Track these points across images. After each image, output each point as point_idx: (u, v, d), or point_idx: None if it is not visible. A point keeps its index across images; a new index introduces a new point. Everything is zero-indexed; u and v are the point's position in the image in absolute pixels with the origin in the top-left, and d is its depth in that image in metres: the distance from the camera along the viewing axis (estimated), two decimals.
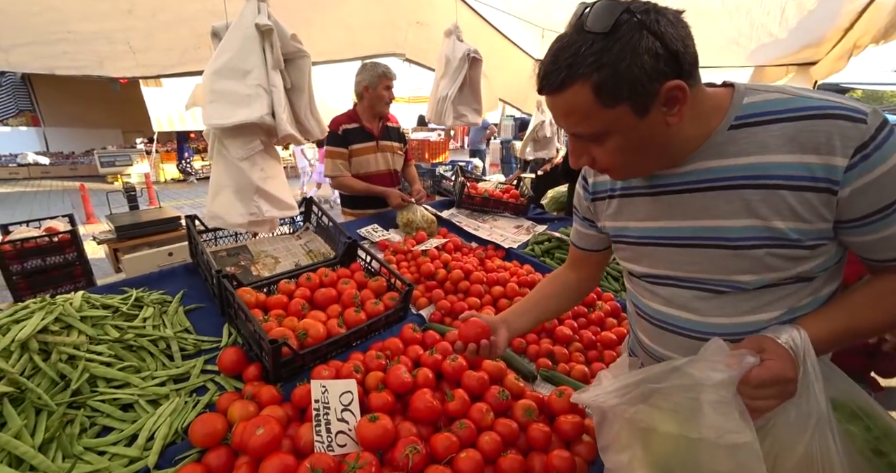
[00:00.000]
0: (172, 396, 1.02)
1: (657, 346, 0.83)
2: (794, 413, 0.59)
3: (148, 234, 2.74)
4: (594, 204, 0.88)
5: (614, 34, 0.55)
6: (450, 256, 1.81)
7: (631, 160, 0.67)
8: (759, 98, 0.64)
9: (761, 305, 0.68)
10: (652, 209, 0.75)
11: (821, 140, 0.58)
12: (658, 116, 0.60)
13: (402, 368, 1.06)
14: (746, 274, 0.67)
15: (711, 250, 0.68)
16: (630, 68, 0.55)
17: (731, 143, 0.64)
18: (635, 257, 0.81)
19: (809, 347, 0.59)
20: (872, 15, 2.41)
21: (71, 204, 7.56)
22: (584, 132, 0.64)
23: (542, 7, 3.06)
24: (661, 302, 0.78)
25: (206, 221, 1.19)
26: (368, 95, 2.23)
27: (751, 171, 0.63)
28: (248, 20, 1.06)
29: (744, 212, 0.64)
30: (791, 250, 0.63)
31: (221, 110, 1.04)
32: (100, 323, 1.12)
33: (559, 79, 0.59)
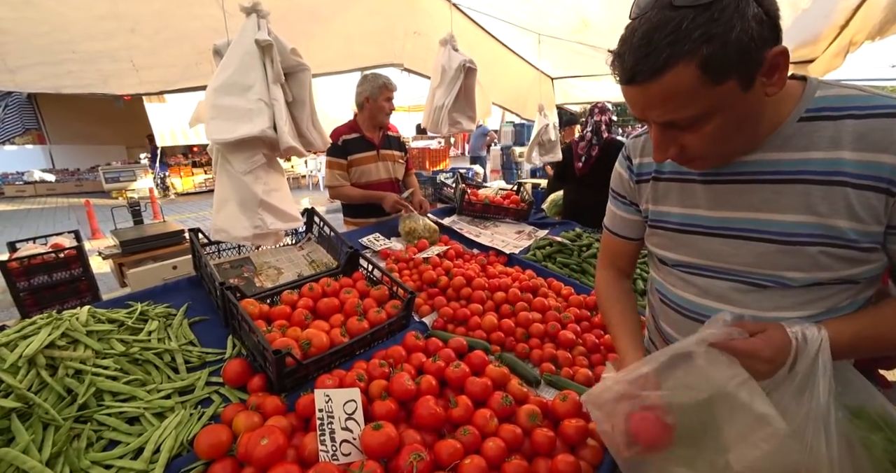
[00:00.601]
0: (178, 408, 1.03)
1: (684, 337, 0.80)
2: (793, 405, 0.59)
3: (152, 248, 2.76)
4: (639, 186, 0.84)
5: (720, 2, 0.51)
6: (451, 263, 1.82)
7: (727, 143, 0.63)
8: (833, 92, 0.63)
9: (802, 302, 0.67)
10: (703, 197, 0.72)
11: (893, 138, 0.57)
12: (759, 88, 0.57)
13: (405, 376, 1.06)
14: (795, 271, 0.65)
15: (760, 244, 0.67)
16: (740, 37, 0.52)
17: (799, 136, 0.63)
18: (672, 244, 0.78)
19: (826, 347, 0.59)
20: (867, 12, 2.42)
21: (76, 220, 7.64)
22: (684, 117, 0.59)
23: (536, 14, 3.09)
24: (696, 292, 0.76)
25: (212, 235, 1.20)
26: (369, 106, 2.27)
27: (819, 167, 0.61)
28: (249, 36, 1.09)
29: (802, 207, 0.63)
30: (846, 250, 0.62)
31: (224, 126, 1.06)
32: (106, 338, 1.13)
33: (659, 62, 0.54)
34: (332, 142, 2.29)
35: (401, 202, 2.26)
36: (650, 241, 0.84)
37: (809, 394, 0.58)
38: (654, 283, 0.87)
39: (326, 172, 2.35)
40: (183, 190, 10.39)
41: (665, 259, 0.81)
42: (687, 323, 0.78)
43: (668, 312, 0.83)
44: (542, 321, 1.49)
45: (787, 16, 2.62)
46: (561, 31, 3.22)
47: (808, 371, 0.59)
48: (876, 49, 3.91)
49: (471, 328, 1.47)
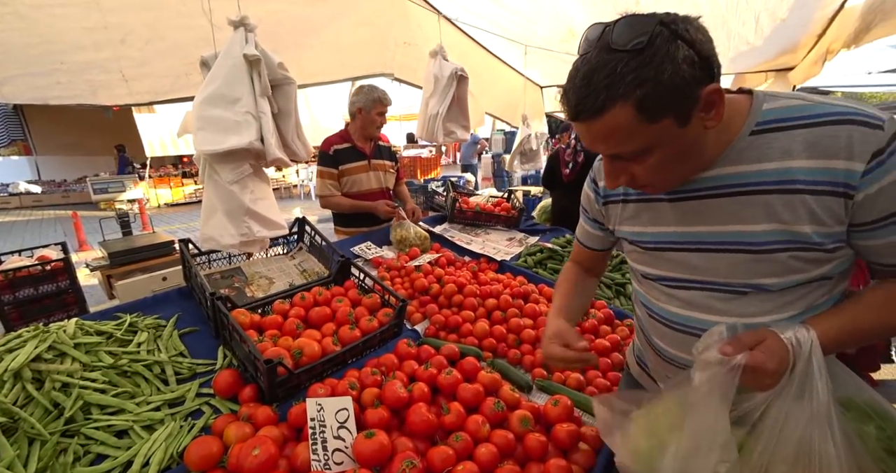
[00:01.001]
0: (168, 421, 1.02)
1: (680, 352, 0.80)
2: (795, 409, 0.60)
3: (141, 260, 2.73)
4: (605, 207, 0.88)
5: (650, 48, 0.55)
6: (443, 271, 1.83)
7: (671, 172, 0.67)
8: (779, 104, 0.65)
9: (783, 304, 0.69)
10: (672, 215, 0.75)
11: (841, 144, 0.59)
12: (697, 123, 0.61)
13: (397, 383, 1.06)
14: (770, 277, 0.67)
15: (734, 255, 0.69)
16: (672, 78, 0.55)
17: (752, 149, 0.65)
18: (651, 261, 0.80)
19: (817, 346, 0.60)
20: (842, 21, 2.50)
21: (63, 232, 7.53)
22: (626, 151, 0.63)
23: (525, 24, 3.15)
24: (680, 304, 0.77)
25: (200, 244, 1.20)
26: (361, 117, 2.29)
27: (774, 177, 0.64)
28: (237, 50, 1.10)
29: (766, 216, 0.65)
30: (813, 253, 0.64)
31: (212, 137, 1.06)
32: (94, 350, 1.12)
33: (598, 103, 0.57)
34: (324, 152, 2.30)
35: (392, 205, 2.27)
36: (631, 257, 0.87)
37: (809, 396, 0.59)
38: (639, 297, 0.89)
39: (317, 182, 2.34)
40: (173, 200, 10.30)
41: (646, 274, 0.83)
42: (677, 336, 0.79)
43: (657, 326, 0.84)
44: (534, 327, 1.50)
45: (767, 25, 2.71)
46: (549, 40, 3.28)
47: (805, 373, 0.60)
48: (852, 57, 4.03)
49: (463, 335, 1.47)
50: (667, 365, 0.84)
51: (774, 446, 0.60)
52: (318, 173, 2.34)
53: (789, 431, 0.59)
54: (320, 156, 2.32)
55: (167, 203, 10.26)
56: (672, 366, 0.83)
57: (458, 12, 3.10)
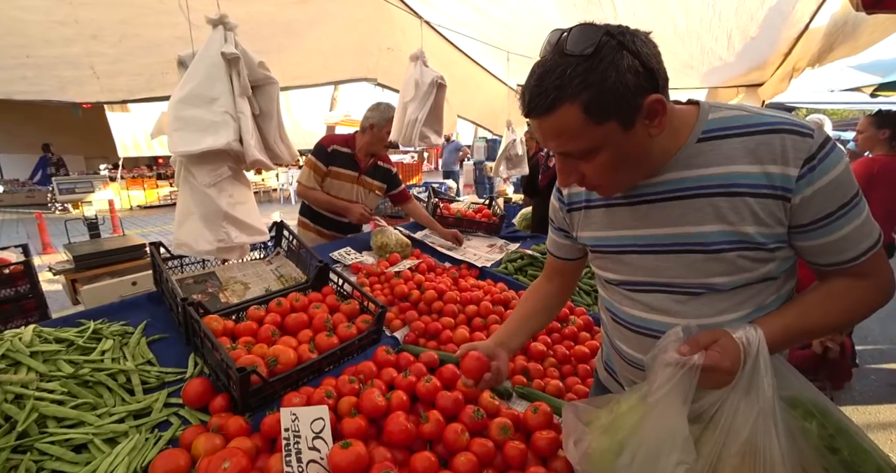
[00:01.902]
0: (132, 433, 0.96)
1: (638, 353, 0.84)
2: (743, 404, 0.62)
3: (110, 263, 2.62)
4: (569, 215, 0.91)
5: (597, 55, 0.59)
6: (423, 277, 1.81)
7: (618, 173, 0.70)
8: (722, 114, 0.70)
9: (734, 305, 0.73)
10: (630, 218, 0.78)
11: (777, 151, 0.64)
12: (641, 129, 0.65)
13: (375, 392, 1.04)
14: (721, 276, 0.71)
15: (688, 255, 0.72)
16: (615, 85, 0.59)
17: (699, 155, 0.70)
18: (614, 266, 0.83)
19: (764, 344, 0.64)
20: (807, 41, 2.63)
21: (26, 233, 7.18)
22: (575, 150, 0.67)
23: (506, 33, 3.19)
24: (642, 308, 0.81)
25: (174, 249, 1.16)
26: (371, 133, 2.26)
27: (719, 181, 0.68)
28: (215, 49, 1.07)
29: (714, 218, 0.69)
30: (758, 252, 0.69)
31: (188, 137, 1.03)
32: (52, 359, 1.06)
33: (548, 102, 0.62)
34: (322, 146, 2.27)
35: (367, 214, 2.25)
36: (595, 264, 0.90)
37: (756, 393, 0.62)
38: (604, 302, 0.92)
39: (304, 170, 2.30)
40: (146, 202, 9.97)
41: (610, 279, 0.86)
42: (639, 339, 0.83)
43: (621, 330, 0.87)
44: None
45: (738, 42, 2.82)
46: (530, 49, 3.33)
47: (752, 370, 0.63)
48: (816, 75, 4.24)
49: (442, 342, 1.46)
50: (631, 368, 0.87)
51: (725, 440, 0.63)
52: (306, 162, 2.30)
53: (738, 426, 0.62)
54: (317, 148, 2.29)
55: (140, 205, 9.93)
56: (636, 370, 0.86)
57: (441, 19, 3.12)
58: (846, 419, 0.67)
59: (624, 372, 0.91)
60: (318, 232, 2.44)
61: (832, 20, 2.28)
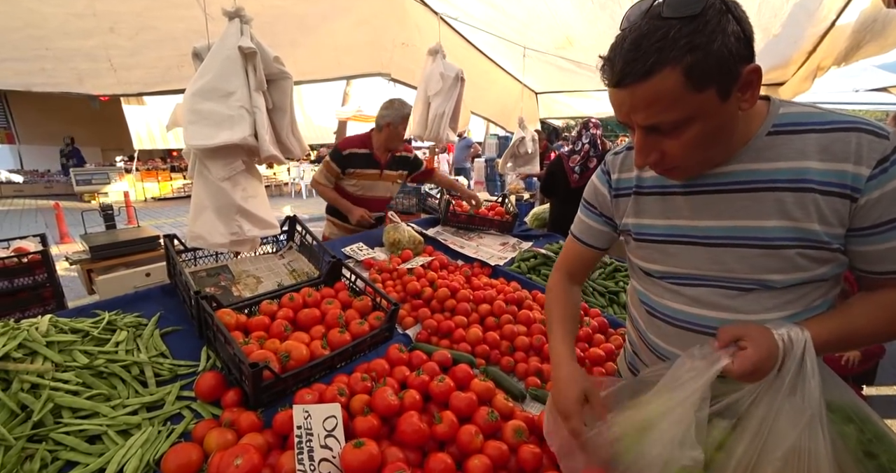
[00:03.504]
0: (145, 425, 0.97)
1: (676, 348, 0.80)
2: (787, 406, 0.60)
3: (124, 254, 2.64)
4: (616, 200, 0.87)
5: (703, 16, 0.56)
6: (436, 274, 1.79)
7: (704, 151, 0.66)
8: (795, 110, 0.69)
9: (784, 302, 0.71)
10: (686, 207, 0.75)
11: (851, 149, 0.63)
12: (734, 102, 0.62)
13: (388, 390, 1.03)
14: (776, 273, 0.69)
15: (744, 249, 0.70)
16: (721, 49, 0.56)
17: (769, 148, 0.68)
18: (659, 256, 0.80)
19: (811, 346, 0.62)
20: (833, 39, 2.54)
21: (45, 223, 7.31)
22: (667, 120, 0.62)
23: (521, 29, 3.15)
24: (686, 301, 0.78)
25: (188, 242, 1.15)
26: (388, 131, 2.31)
27: (788, 176, 0.66)
28: (231, 42, 1.06)
29: (778, 213, 0.67)
30: (820, 252, 0.67)
31: (204, 131, 1.02)
32: (68, 349, 1.06)
33: (647, 66, 0.57)
34: (338, 151, 2.35)
35: (366, 217, 2.34)
36: (635, 255, 0.86)
37: (801, 395, 0.60)
38: (640, 296, 0.89)
39: (320, 167, 2.41)
40: (160, 194, 10.10)
41: (651, 271, 0.83)
42: (680, 335, 0.79)
43: (658, 324, 0.84)
44: (528, 334, 1.47)
45: (760, 40, 2.74)
46: (545, 47, 3.28)
47: (797, 371, 0.61)
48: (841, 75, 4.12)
49: (455, 340, 1.44)
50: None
51: (763, 443, 0.61)
52: (324, 163, 2.40)
53: (780, 429, 0.60)
54: (334, 151, 2.39)
55: (154, 197, 10.05)
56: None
57: (456, 15, 3.09)
58: (885, 425, 0.66)
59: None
60: (341, 227, 2.54)
61: (861, 17, 2.21)
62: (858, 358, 2.07)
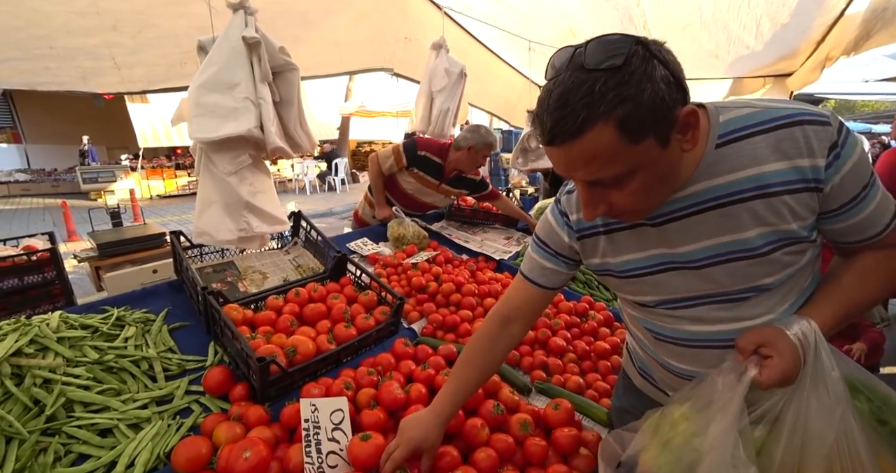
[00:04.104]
0: (155, 419, 0.98)
1: (692, 367, 0.78)
2: (815, 401, 0.59)
3: (131, 251, 2.67)
4: (581, 242, 0.82)
5: (628, 67, 0.53)
6: (440, 269, 1.80)
7: (653, 196, 0.65)
8: (732, 115, 0.66)
9: (781, 298, 0.71)
10: (659, 238, 0.72)
11: (801, 144, 0.62)
12: (676, 144, 0.60)
13: (394, 384, 1.03)
14: (768, 277, 0.68)
15: (732, 264, 0.68)
16: (652, 98, 0.53)
17: (722, 161, 0.66)
18: (648, 288, 0.77)
19: (821, 336, 0.61)
20: (842, 28, 2.50)
21: (52, 221, 7.39)
22: (608, 176, 0.59)
23: (525, 22, 3.12)
24: (688, 322, 0.76)
25: (194, 238, 1.15)
26: (468, 154, 2.25)
27: (750, 184, 0.64)
28: (236, 33, 1.06)
29: (754, 222, 0.66)
30: (800, 245, 0.67)
31: (208, 124, 1.02)
32: (78, 344, 1.08)
33: (577, 124, 0.54)
34: (414, 149, 2.29)
35: (390, 218, 2.30)
36: (624, 290, 0.82)
37: (825, 387, 0.59)
38: (640, 323, 0.85)
39: (386, 149, 2.32)
40: (165, 192, 10.16)
41: (645, 302, 0.80)
42: (696, 353, 0.78)
43: (668, 347, 0.81)
44: (533, 328, 1.47)
45: (767, 30, 2.70)
46: (549, 40, 3.26)
47: (815, 364, 0.60)
48: (849, 65, 4.05)
49: (461, 334, 1.45)
50: (682, 381, 0.81)
51: (803, 442, 0.59)
52: (394, 146, 2.33)
53: (816, 425, 0.59)
54: (410, 143, 2.32)
55: (160, 194, 10.12)
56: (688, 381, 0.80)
57: (460, 9, 3.07)
58: (889, 389, 0.65)
59: (671, 382, 0.86)
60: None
61: (871, 6, 2.16)
62: (865, 352, 2.05)
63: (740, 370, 0.62)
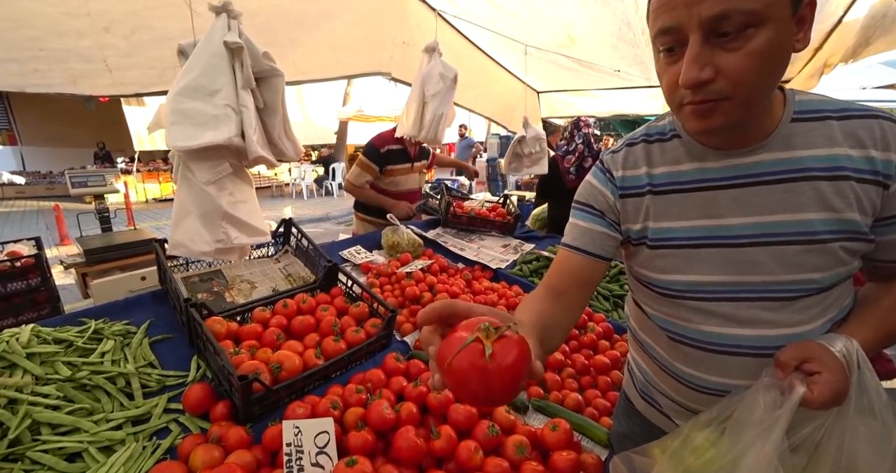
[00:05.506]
0: (129, 441, 0.92)
1: (714, 377, 0.69)
2: (863, 428, 0.54)
3: (120, 258, 2.61)
4: (623, 201, 0.73)
5: None
6: (435, 278, 1.75)
7: (763, 73, 0.55)
8: (808, 98, 0.65)
9: (825, 308, 0.65)
10: (710, 205, 0.66)
11: (877, 136, 0.60)
12: (793, 29, 0.55)
13: (383, 403, 0.98)
14: (818, 271, 0.62)
15: (783, 247, 0.63)
16: None
17: (796, 135, 0.63)
18: (680, 263, 0.69)
19: (864, 357, 0.57)
20: (840, 35, 2.49)
21: (46, 225, 7.31)
22: (743, 8, 0.51)
23: (522, 27, 3.10)
24: (719, 321, 0.67)
25: (169, 250, 1.10)
26: None
27: (823, 163, 0.61)
28: (217, 37, 1.01)
29: (817, 204, 0.62)
30: (859, 243, 0.62)
31: (187, 132, 0.97)
32: (50, 361, 1.02)
33: None
34: (375, 148, 2.34)
35: (412, 209, 2.39)
36: (651, 268, 0.72)
37: (871, 410, 0.55)
38: (659, 322, 0.75)
39: (354, 170, 2.39)
40: (161, 195, 10.09)
41: (671, 286, 0.71)
42: (714, 359, 0.69)
43: (685, 351, 0.72)
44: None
45: None
46: (547, 45, 3.23)
47: (859, 387, 0.56)
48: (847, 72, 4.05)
49: None
50: (702, 395, 0.72)
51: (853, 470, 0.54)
52: (358, 162, 2.37)
53: (865, 455, 0.54)
54: (369, 149, 2.38)
55: (156, 197, 10.05)
56: (710, 396, 0.71)
57: (456, 12, 3.04)
58: None
59: (687, 401, 0.75)
60: (373, 222, 2.56)
61: (870, 12, 2.15)
62: None
63: (781, 387, 0.56)
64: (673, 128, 0.72)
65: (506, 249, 2.32)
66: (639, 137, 0.75)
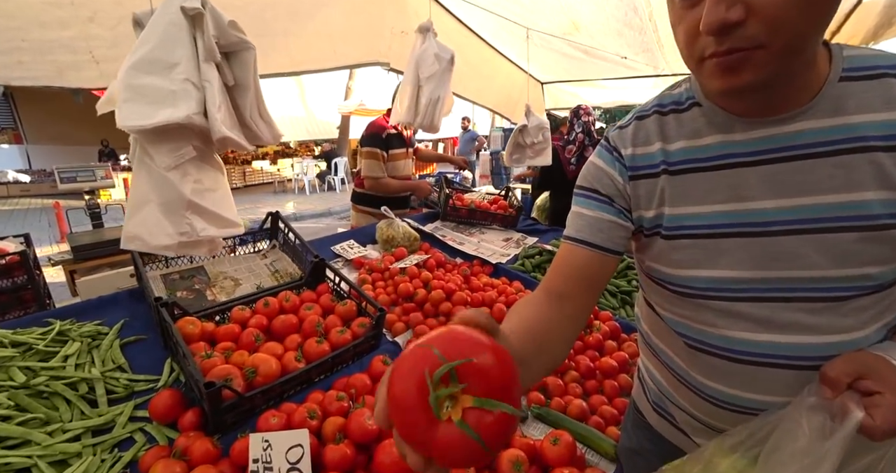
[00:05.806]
0: (86, 454, 0.84)
1: (742, 392, 0.58)
2: None
3: (109, 254, 2.54)
4: (634, 183, 0.62)
5: None
6: (431, 274, 1.65)
7: (798, 22, 0.44)
8: (859, 52, 0.53)
9: (880, 311, 0.53)
10: (738, 186, 0.55)
11: None
12: None
13: (365, 413, 0.89)
14: (877, 264, 0.51)
15: (833, 235, 0.51)
16: None
17: (848, 97, 0.51)
18: (704, 258, 0.58)
19: None
20: (860, 16, 2.36)
21: (48, 222, 7.33)
22: None
23: (525, 14, 2.99)
24: (750, 326, 0.56)
25: (122, 243, 1.01)
26: None
27: (882, 131, 0.49)
28: (175, 5, 0.92)
29: (875, 181, 0.50)
30: None
31: (140, 110, 0.88)
32: (5, 365, 0.94)
33: None
34: (377, 135, 2.31)
35: (432, 186, 2.44)
36: (665, 262, 0.62)
37: None
38: (674, 325, 0.64)
39: (365, 163, 2.33)
40: None
41: (692, 283, 0.60)
42: (743, 371, 0.58)
43: (707, 360, 0.61)
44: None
45: None
46: (550, 32, 3.12)
47: None
48: None
49: None
50: (725, 412, 0.61)
51: None
52: (367, 154, 2.32)
53: None
54: (372, 138, 2.33)
55: None
56: (735, 414, 0.60)
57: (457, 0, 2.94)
58: None
59: (707, 417, 0.65)
60: (372, 214, 2.49)
61: None
62: None
63: (831, 410, 0.45)
64: (691, 94, 0.60)
65: (507, 243, 2.22)
66: (650, 108, 0.63)
